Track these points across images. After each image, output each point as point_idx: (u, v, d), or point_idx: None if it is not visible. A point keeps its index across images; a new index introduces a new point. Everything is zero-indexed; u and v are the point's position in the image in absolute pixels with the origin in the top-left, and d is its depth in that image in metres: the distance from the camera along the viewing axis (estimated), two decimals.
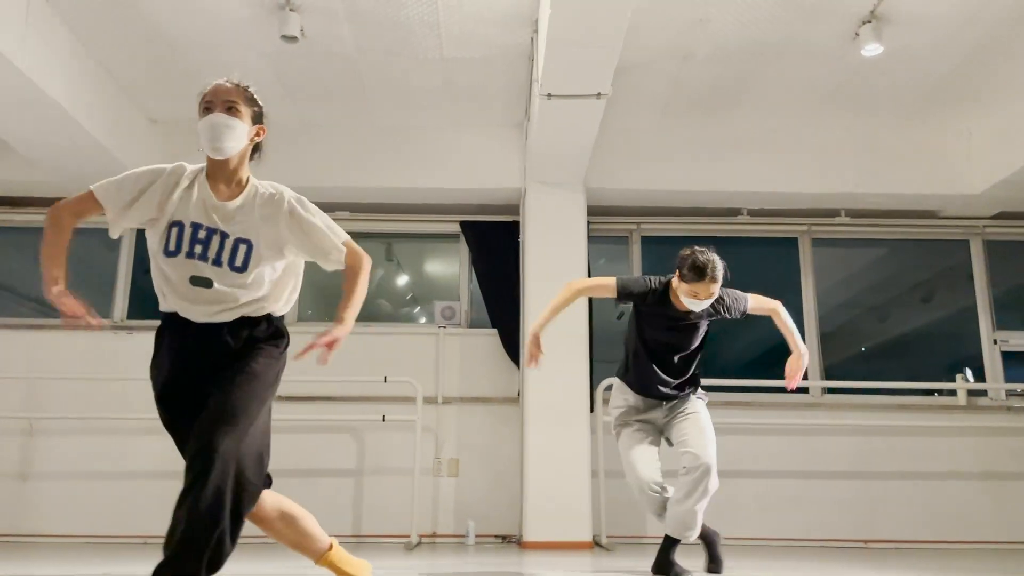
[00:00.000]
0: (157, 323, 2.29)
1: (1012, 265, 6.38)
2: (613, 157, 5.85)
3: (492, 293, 6.16)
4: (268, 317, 2.28)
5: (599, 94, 4.49)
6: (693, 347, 3.44)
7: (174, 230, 2.21)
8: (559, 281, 5.68)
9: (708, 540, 3.46)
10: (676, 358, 3.42)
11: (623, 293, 3.37)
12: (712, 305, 3.29)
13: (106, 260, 6.22)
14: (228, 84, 2.27)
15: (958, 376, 6.10)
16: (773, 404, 5.97)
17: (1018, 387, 6.04)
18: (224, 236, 2.21)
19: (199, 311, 2.21)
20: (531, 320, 5.64)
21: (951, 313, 6.52)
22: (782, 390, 5.92)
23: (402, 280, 6.83)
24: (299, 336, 2.33)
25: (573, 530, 5.34)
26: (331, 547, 2.39)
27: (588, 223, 5.91)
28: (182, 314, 2.22)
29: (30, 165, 5.64)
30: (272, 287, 2.29)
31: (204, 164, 2.28)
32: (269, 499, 2.24)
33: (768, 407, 5.96)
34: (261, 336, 2.25)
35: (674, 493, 3.31)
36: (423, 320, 6.55)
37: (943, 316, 6.61)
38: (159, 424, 2.22)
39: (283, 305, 2.35)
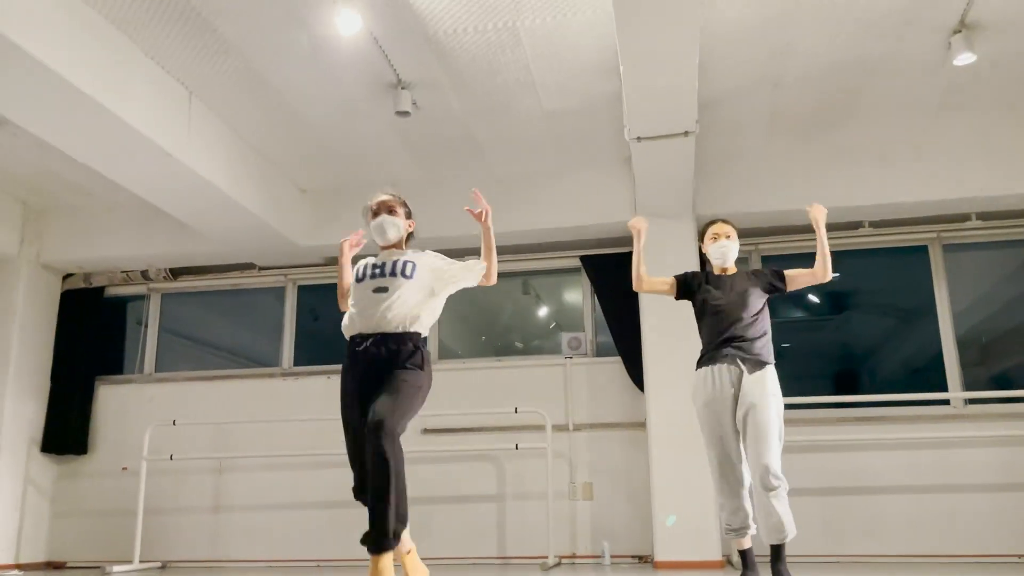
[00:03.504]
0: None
1: None
2: (722, 182, 6.01)
3: (615, 322, 6.47)
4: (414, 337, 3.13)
5: (686, 132, 4.72)
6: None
7: (359, 267, 3.34)
8: (674, 308, 5.96)
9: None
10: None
11: (681, 284, 3.97)
12: (750, 273, 3.89)
13: (274, 314, 7.08)
14: (385, 196, 3.35)
15: None
16: (911, 418, 5.87)
17: None
18: (395, 262, 3.22)
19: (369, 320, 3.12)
20: (651, 349, 5.91)
21: None
22: (918, 403, 5.88)
23: (541, 312, 7.25)
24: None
25: (703, 549, 5.51)
26: (410, 552, 2.94)
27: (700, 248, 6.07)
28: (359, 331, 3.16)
29: (206, 241, 6.59)
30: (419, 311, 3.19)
31: None
32: None
33: (906, 421, 5.86)
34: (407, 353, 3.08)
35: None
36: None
37: None
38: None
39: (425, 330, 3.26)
